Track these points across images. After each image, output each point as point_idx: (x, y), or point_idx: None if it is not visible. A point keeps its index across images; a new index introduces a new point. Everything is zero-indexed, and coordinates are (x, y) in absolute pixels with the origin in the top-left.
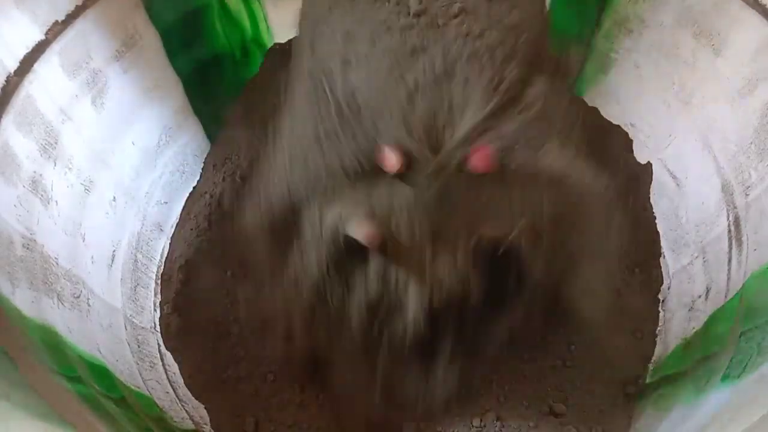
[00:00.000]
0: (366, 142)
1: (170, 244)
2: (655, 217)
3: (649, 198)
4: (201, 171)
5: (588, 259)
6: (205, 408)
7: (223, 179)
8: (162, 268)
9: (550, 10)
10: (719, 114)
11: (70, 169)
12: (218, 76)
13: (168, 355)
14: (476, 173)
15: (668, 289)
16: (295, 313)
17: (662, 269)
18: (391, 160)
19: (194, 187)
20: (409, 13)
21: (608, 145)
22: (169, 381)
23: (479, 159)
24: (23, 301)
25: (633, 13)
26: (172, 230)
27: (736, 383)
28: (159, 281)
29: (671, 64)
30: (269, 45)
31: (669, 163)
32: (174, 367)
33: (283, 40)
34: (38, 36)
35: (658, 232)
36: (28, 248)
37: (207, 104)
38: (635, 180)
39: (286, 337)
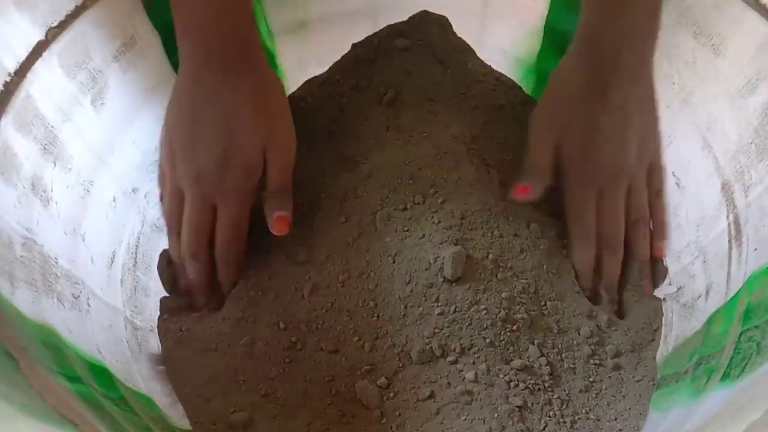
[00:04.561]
0: None
1: None
2: None
3: None
4: None
5: None
6: (198, 413)
7: None
8: None
9: (550, 10)
10: (719, 114)
11: (70, 169)
12: None
13: None
14: None
15: None
16: None
17: None
18: None
19: None
20: None
21: None
22: None
23: None
24: (23, 301)
25: None
26: None
27: (736, 383)
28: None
29: (671, 64)
30: (270, 46)
31: (669, 163)
32: None
33: (284, 41)
34: (38, 36)
35: None
36: (27, 248)
37: None
38: None
39: None
